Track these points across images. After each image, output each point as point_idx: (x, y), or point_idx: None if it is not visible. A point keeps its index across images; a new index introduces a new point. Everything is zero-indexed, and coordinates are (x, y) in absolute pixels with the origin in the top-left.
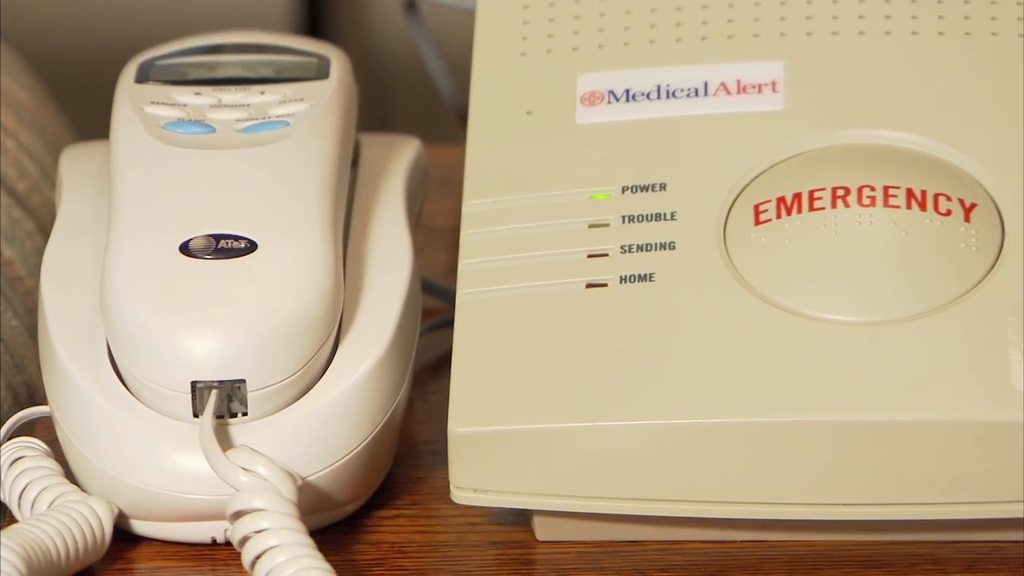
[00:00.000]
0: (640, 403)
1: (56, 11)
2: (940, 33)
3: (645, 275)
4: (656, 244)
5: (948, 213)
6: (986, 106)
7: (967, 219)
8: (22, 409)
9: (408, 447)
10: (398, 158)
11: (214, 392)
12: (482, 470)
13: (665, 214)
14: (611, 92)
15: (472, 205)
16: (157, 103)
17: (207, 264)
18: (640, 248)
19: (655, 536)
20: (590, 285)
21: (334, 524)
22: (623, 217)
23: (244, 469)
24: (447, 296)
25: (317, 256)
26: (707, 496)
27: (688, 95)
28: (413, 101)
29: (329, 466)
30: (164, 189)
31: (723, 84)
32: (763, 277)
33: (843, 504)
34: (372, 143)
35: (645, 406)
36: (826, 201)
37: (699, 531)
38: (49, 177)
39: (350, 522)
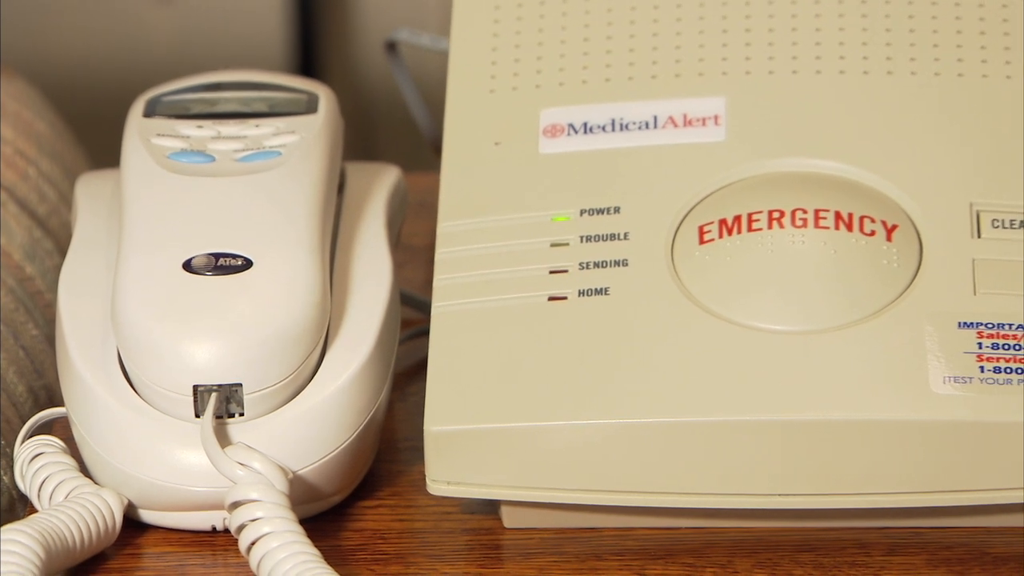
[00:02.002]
0: (597, 404)
1: (73, 53)
2: (864, 72)
3: (601, 289)
4: (611, 261)
5: (872, 233)
6: (906, 137)
7: (889, 239)
8: (42, 410)
9: (389, 444)
10: (380, 184)
11: (214, 394)
12: (455, 464)
13: (619, 234)
14: (571, 125)
15: (446, 226)
16: (163, 135)
17: (207, 280)
18: (596, 265)
19: (610, 523)
20: (551, 298)
21: (322, 513)
22: (581, 237)
23: (241, 464)
24: (424, 308)
25: (306, 272)
26: (656, 487)
27: (639, 127)
28: (394, 132)
29: (317, 461)
30: (169, 212)
31: (671, 118)
32: (707, 291)
33: (779, 494)
34: (356, 170)
35: (601, 407)
36: (763, 222)
37: (649, 519)
38: (66, 201)
39: (336, 511)
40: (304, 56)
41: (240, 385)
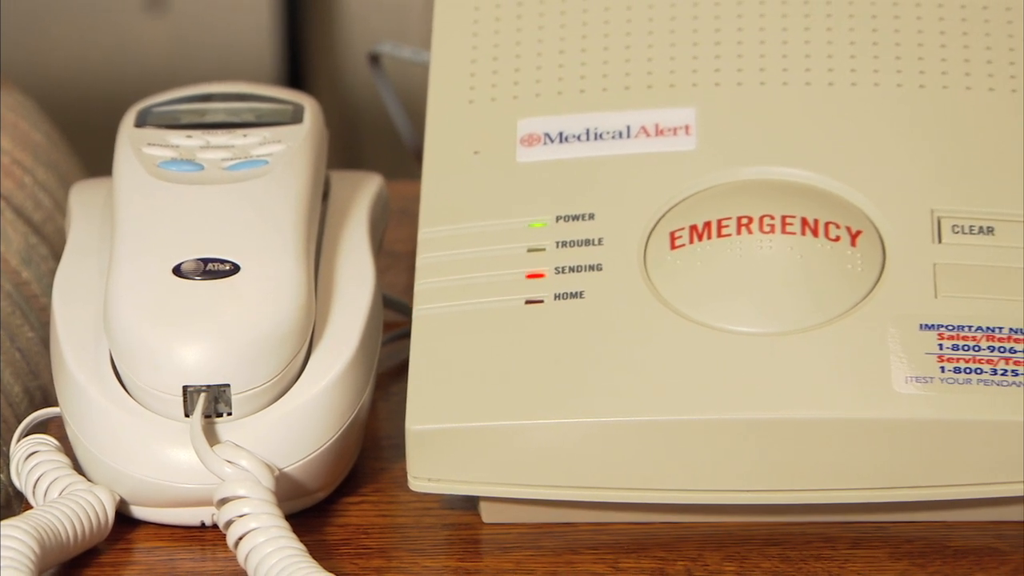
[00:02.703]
0: (572, 403)
1: (69, 66)
2: (830, 84)
3: (576, 293)
4: (585, 266)
5: (837, 239)
6: (870, 146)
7: (853, 244)
8: (37, 410)
9: (372, 442)
10: (363, 192)
11: (202, 395)
12: (436, 462)
13: (593, 240)
14: (547, 134)
15: (426, 232)
16: (153, 144)
17: (196, 284)
18: (572, 269)
19: (585, 519)
20: (528, 302)
21: (307, 509)
22: (557, 242)
23: (229, 462)
24: (405, 311)
25: (292, 277)
26: (630, 484)
27: (613, 137)
28: (378, 141)
29: (303, 459)
30: (159, 219)
31: (643, 128)
32: (678, 294)
33: (747, 490)
34: (340, 179)
35: (576, 406)
36: (732, 228)
37: (623, 514)
38: (61, 208)
39: (321, 507)
40: (292, 68)
41: (228, 386)
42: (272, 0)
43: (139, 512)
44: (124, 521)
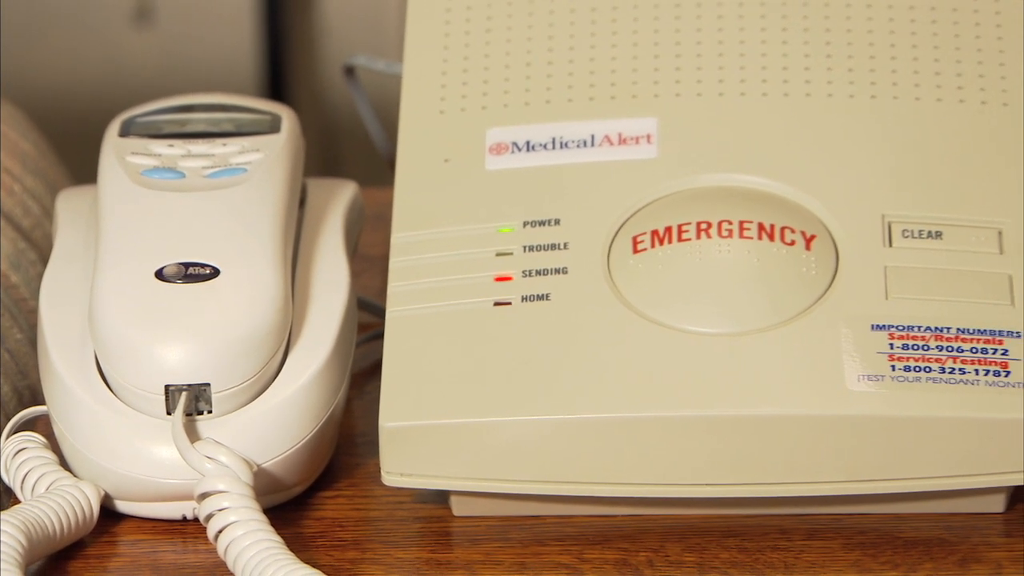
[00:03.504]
0: (539, 401)
1: (57, 79)
2: (785, 95)
3: (543, 295)
4: (552, 269)
5: (792, 243)
6: (824, 154)
7: (808, 248)
8: (25, 409)
9: (347, 438)
10: (338, 198)
11: (184, 394)
12: (408, 457)
13: (559, 244)
14: (514, 143)
15: (399, 237)
16: (137, 153)
17: (178, 287)
18: (538, 273)
19: (551, 511)
20: (497, 303)
21: (285, 503)
22: (524, 247)
23: (209, 458)
24: (379, 313)
25: (270, 280)
26: (594, 478)
27: (578, 145)
28: (354, 150)
29: (280, 455)
30: (142, 225)
31: (607, 136)
32: (640, 296)
33: (706, 484)
34: (316, 186)
35: (543, 403)
36: (692, 233)
37: (588, 507)
38: (49, 215)
39: (298, 501)
40: (273, 79)
41: (208, 385)
42: (254, 15)
43: (123, 506)
44: (109, 515)
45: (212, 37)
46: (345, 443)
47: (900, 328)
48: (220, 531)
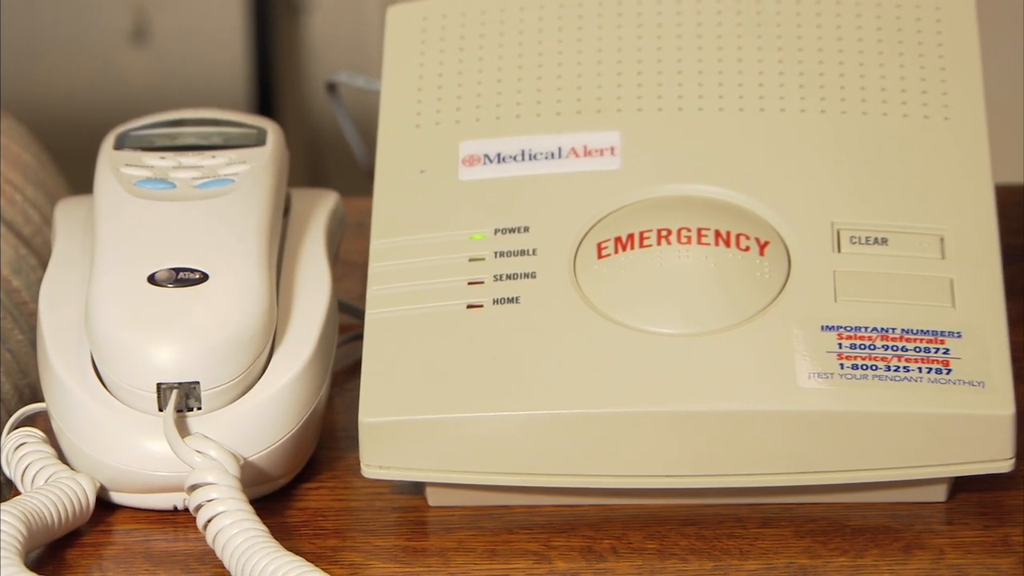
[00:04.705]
0: (509, 398)
1: (57, 94)
2: (741, 110)
3: (513, 298)
4: (521, 274)
5: (747, 249)
6: (777, 165)
7: (762, 253)
8: (25, 406)
9: (329, 433)
10: (320, 207)
11: (174, 391)
12: (386, 451)
13: (528, 250)
14: (486, 155)
15: (378, 244)
16: (131, 165)
17: (169, 291)
18: (509, 277)
19: (521, 501)
20: (470, 306)
21: (270, 494)
22: (495, 253)
23: (198, 452)
24: (359, 315)
25: (256, 284)
26: (561, 470)
27: (546, 157)
28: (336, 161)
29: (266, 449)
30: (135, 232)
31: (573, 149)
32: (605, 299)
33: (667, 476)
34: (300, 195)
35: (513, 400)
36: (653, 240)
37: (555, 497)
38: (49, 223)
39: (282, 493)
40: (260, 95)
41: (198, 383)
42: (243, 36)
43: (117, 498)
44: (104, 506)
45: (203, 56)
46: (327, 438)
47: (848, 329)
48: (209, 520)
